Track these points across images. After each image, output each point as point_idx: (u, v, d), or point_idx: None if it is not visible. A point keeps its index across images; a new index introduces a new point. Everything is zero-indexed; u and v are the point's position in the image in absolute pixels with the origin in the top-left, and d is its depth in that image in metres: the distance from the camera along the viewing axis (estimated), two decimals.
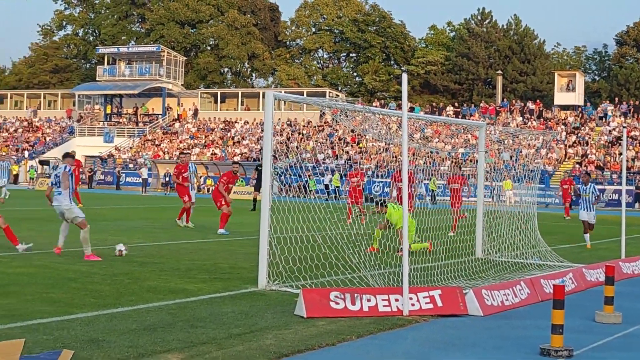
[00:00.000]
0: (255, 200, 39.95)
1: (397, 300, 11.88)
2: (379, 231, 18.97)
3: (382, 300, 11.82)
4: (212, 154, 78.66)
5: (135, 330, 9.97)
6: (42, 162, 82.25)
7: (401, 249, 12.72)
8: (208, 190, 66.07)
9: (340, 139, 74.24)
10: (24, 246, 18.08)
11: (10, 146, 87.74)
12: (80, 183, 40.34)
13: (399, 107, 73.43)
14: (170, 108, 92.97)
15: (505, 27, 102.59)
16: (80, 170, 41.13)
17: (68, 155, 19.38)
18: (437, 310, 11.96)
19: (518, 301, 13.23)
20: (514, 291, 13.37)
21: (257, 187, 40.04)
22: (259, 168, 39.72)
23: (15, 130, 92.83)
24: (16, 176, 76.79)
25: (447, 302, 12.10)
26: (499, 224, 19.21)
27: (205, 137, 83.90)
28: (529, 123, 73.46)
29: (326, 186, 54.59)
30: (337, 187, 56.53)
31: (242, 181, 68.01)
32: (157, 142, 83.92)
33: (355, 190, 27.26)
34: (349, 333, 10.42)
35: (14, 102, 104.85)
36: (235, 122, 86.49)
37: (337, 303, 11.54)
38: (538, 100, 79.18)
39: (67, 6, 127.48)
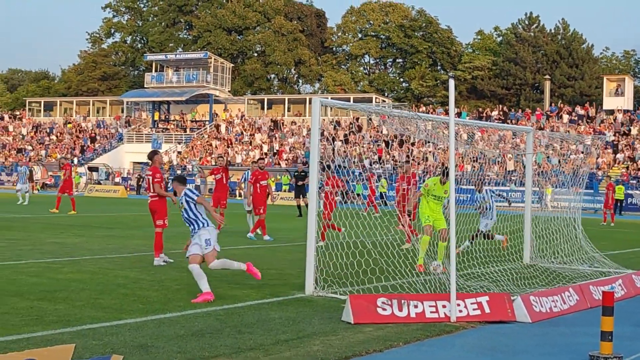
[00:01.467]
0: (299, 207, 39.58)
1: (444, 306, 11.83)
2: (427, 237, 18.21)
3: (430, 306, 11.78)
4: (259, 158, 78.87)
5: (183, 336, 10.03)
6: (91, 169, 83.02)
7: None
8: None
9: (387, 145, 74.11)
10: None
11: (59, 152, 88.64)
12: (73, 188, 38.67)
13: (446, 112, 73.22)
14: (217, 114, 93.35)
15: (552, 31, 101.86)
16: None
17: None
18: (484, 317, 11.89)
19: (567, 308, 13.10)
20: (563, 298, 13.25)
21: (297, 193, 40.46)
22: (296, 174, 40.57)
23: (65, 137, 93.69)
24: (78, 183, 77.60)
25: (495, 309, 12.02)
26: (546, 229, 19.07)
27: (251, 137, 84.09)
28: (577, 128, 72.83)
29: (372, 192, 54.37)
30: (384, 192, 56.42)
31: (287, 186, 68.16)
32: (204, 148, 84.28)
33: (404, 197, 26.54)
34: (396, 339, 10.39)
35: (63, 109, 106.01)
36: (282, 123, 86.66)
37: (384, 309, 11.51)
38: (586, 105, 78.45)
39: (116, 14, 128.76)
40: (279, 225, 30.42)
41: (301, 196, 39.71)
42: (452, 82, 12.50)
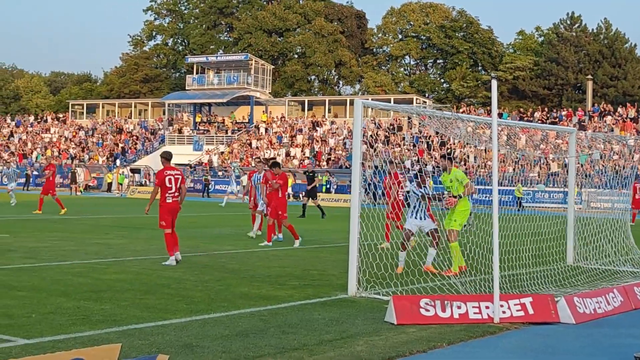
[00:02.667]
0: (304, 206, 38.83)
1: (487, 307, 11.82)
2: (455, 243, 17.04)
3: (473, 307, 11.77)
4: (300, 160, 78.95)
5: (227, 336, 10.10)
6: (133, 170, 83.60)
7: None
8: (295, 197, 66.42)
9: (428, 146, 73.94)
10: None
11: (102, 154, 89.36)
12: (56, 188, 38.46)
13: (487, 113, 72.91)
14: (259, 117, 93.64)
15: (595, 31, 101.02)
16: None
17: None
18: (528, 318, 11.85)
19: (611, 309, 13.03)
20: (607, 299, 13.18)
21: (307, 193, 39.45)
22: (308, 174, 39.43)
23: (107, 138, 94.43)
24: (110, 184, 78.23)
25: (539, 310, 11.98)
26: (590, 230, 18.96)
27: (292, 139, 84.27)
28: (620, 128, 72.19)
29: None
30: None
31: (326, 185, 68.25)
32: (245, 150, 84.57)
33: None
34: (440, 340, 10.40)
35: (105, 111, 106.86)
36: (323, 123, 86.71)
37: (427, 310, 11.53)
38: (629, 105, 77.71)
39: (157, 17, 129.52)
40: (321, 226, 30.46)
41: (310, 198, 38.97)
42: (494, 83, 12.48)
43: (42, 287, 13.57)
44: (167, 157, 18.70)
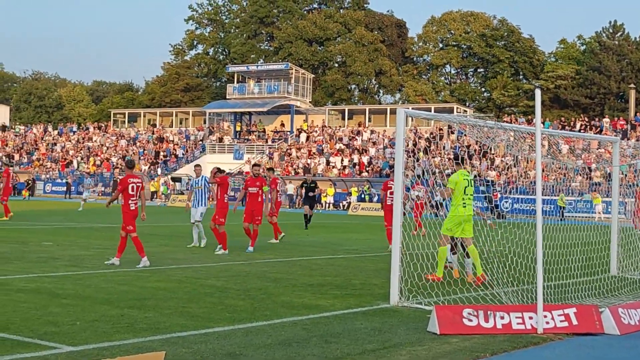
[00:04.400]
0: (306, 216, 35.73)
1: (531, 318, 11.74)
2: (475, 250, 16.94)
3: (516, 317, 11.70)
4: (340, 169, 78.96)
5: (270, 345, 10.12)
6: (174, 179, 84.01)
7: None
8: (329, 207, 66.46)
9: (469, 155, 73.68)
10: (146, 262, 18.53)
11: (143, 163, 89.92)
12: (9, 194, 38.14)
13: (529, 122, 72.51)
14: (300, 126, 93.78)
15: (638, 39, 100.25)
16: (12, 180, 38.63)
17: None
18: (572, 329, 11.77)
19: None
20: None
21: (306, 203, 36.64)
22: (306, 185, 36.70)
23: (148, 147, 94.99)
24: (153, 193, 78.70)
25: (583, 321, 11.89)
26: (635, 241, 18.79)
27: (331, 147, 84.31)
28: None
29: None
30: None
31: (367, 194, 68.18)
32: (285, 158, 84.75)
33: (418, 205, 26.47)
34: (483, 350, 10.36)
35: (147, 120, 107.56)
36: (363, 132, 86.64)
37: (470, 320, 11.48)
38: None
39: (198, 26, 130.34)
40: (363, 235, 30.45)
41: (309, 207, 36.17)
42: (538, 93, 12.42)
43: (86, 295, 13.69)
44: (129, 165, 19.80)
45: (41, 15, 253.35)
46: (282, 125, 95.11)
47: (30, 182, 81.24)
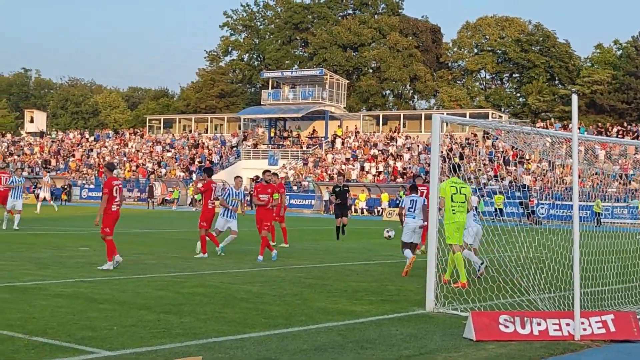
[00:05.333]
0: (338, 228, 30.77)
1: (568, 324, 11.68)
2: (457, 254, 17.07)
3: (553, 324, 11.64)
4: (374, 174, 78.88)
5: (306, 351, 10.14)
6: None
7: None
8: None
9: (504, 160, 73.35)
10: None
11: (178, 169, 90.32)
12: None
13: (564, 127, 72.10)
14: (334, 132, 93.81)
15: None
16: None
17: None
18: (609, 336, 11.69)
19: None
20: None
21: (338, 212, 31.09)
22: (337, 190, 31.12)
23: (183, 153, 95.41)
24: (193, 200, 79.00)
25: (620, 327, 11.81)
26: None
27: (366, 153, 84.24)
28: None
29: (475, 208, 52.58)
30: (501, 209, 55.86)
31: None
32: (320, 164, 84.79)
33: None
34: (520, 357, 10.32)
35: (182, 126, 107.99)
36: (397, 137, 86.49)
37: (506, 326, 11.44)
38: None
39: (233, 32, 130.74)
40: (398, 241, 30.28)
41: (343, 216, 30.81)
42: (575, 98, 12.36)
43: (123, 300, 13.77)
44: (110, 167, 19.91)
45: (77, 22, 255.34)
46: (313, 131, 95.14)
47: (66, 187, 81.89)
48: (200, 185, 23.75)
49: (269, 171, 24.72)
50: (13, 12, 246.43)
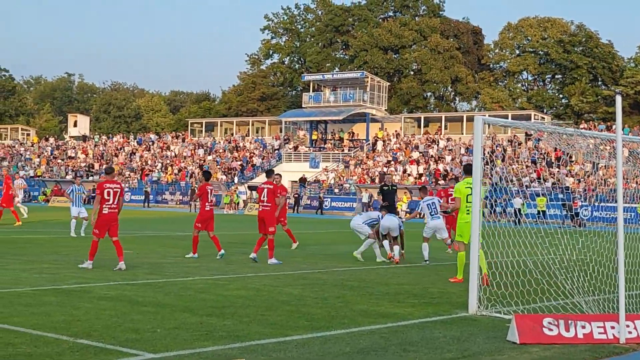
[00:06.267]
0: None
1: (613, 327, 11.56)
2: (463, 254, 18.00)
3: (597, 327, 11.53)
4: (415, 177, 78.65)
5: (349, 354, 10.12)
6: (251, 188, 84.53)
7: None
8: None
9: (547, 162, 72.84)
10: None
11: (220, 172, 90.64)
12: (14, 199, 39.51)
13: (608, 128, 71.45)
14: (375, 134, 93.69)
15: None
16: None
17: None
18: None
19: None
20: None
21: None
22: (385, 189, 28.70)
23: (225, 156, 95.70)
24: (244, 202, 79.24)
25: None
26: None
27: (407, 155, 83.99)
28: None
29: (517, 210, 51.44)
30: (543, 211, 55.55)
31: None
32: (362, 167, 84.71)
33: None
34: None
35: (223, 129, 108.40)
36: (439, 140, 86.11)
37: (550, 329, 11.34)
38: None
39: (274, 35, 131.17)
40: (440, 243, 30.19)
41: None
42: (619, 99, 12.24)
43: (166, 303, 13.84)
44: (108, 171, 20.40)
45: (119, 27, 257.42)
46: (351, 134, 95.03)
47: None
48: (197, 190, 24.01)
49: (271, 172, 24.67)
50: (56, 19, 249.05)
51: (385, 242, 23.82)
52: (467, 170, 18.54)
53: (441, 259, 24.69)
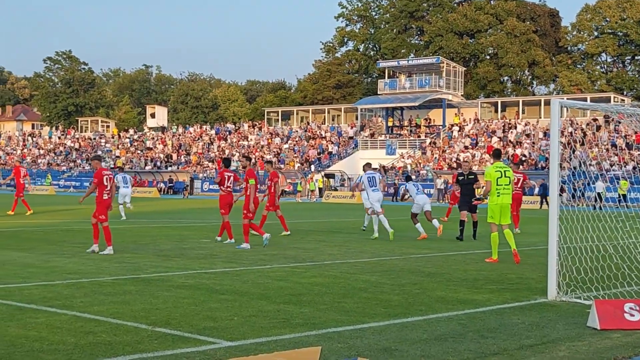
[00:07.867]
0: (462, 222, 26.27)
1: None
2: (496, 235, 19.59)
3: None
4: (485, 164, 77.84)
5: (426, 340, 10.06)
6: (327, 175, 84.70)
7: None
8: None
9: (627, 145, 71.62)
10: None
11: (297, 160, 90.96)
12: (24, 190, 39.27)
13: None
14: (452, 120, 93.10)
15: None
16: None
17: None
18: None
19: None
20: None
21: (463, 205, 26.73)
22: (462, 179, 27.47)
23: (301, 145, 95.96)
24: (320, 189, 79.60)
25: None
26: None
27: (485, 141, 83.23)
28: None
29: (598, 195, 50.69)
30: (624, 195, 54.65)
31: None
32: (439, 153, 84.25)
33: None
34: None
35: (299, 117, 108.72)
36: (516, 125, 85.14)
37: (632, 315, 11.13)
38: None
39: (348, 23, 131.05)
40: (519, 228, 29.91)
41: (469, 211, 26.66)
42: None
43: (243, 291, 13.91)
44: (99, 159, 21.62)
45: (196, 19, 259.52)
46: (427, 120, 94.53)
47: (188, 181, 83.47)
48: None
49: (245, 157, 25.09)
50: (134, 12, 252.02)
51: (419, 225, 26.58)
52: (496, 154, 20.47)
53: (520, 244, 24.43)
